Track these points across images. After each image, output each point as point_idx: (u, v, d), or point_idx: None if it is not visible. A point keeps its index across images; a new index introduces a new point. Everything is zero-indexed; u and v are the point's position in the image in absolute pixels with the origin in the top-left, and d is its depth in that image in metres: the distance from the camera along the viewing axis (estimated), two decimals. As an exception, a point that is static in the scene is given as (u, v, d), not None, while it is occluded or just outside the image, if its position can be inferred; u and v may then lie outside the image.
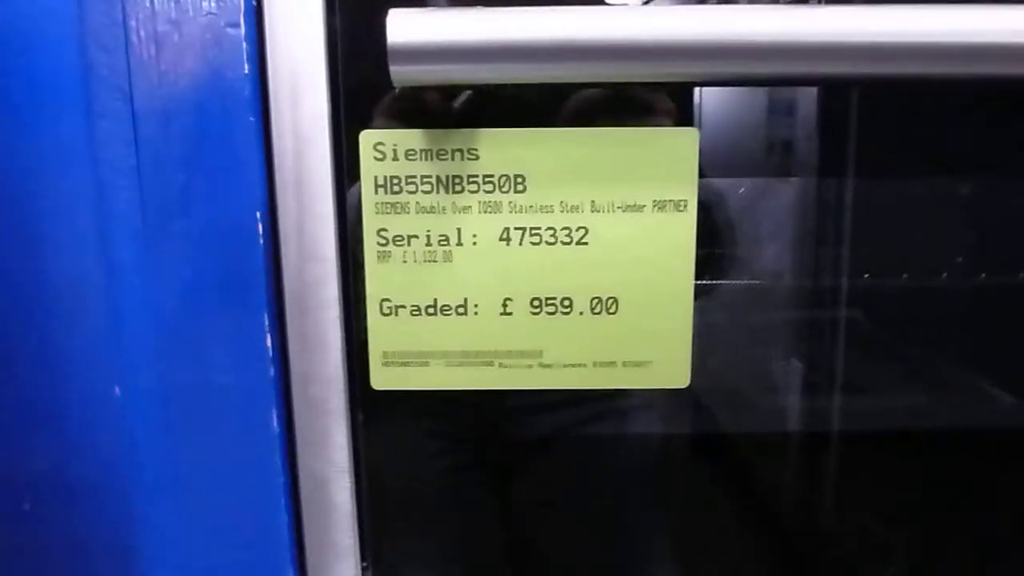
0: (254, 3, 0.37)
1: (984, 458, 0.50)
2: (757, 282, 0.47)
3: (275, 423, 0.40)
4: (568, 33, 0.33)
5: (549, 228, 0.40)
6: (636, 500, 0.48)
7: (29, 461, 0.40)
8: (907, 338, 0.49)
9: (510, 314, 0.40)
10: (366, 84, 0.38)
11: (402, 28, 0.33)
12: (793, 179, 0.45)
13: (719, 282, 0.46)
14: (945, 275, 0.47)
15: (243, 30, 0.36)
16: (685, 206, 0.40)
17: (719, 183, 0.43)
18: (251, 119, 0.37)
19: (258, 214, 0.38)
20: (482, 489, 0.47)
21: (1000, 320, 0.49)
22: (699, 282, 0.40)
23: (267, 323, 0.39)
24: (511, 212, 0.39)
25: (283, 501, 0.40)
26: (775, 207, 0.46)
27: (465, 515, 0.48)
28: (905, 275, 0.48)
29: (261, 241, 0.38)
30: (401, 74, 0.33)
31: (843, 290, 0.47)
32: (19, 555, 0.41)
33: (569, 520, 0.48)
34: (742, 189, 0.44)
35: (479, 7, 0.34)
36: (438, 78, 0.34)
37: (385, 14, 0.34)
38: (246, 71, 0.37)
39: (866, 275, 0.46)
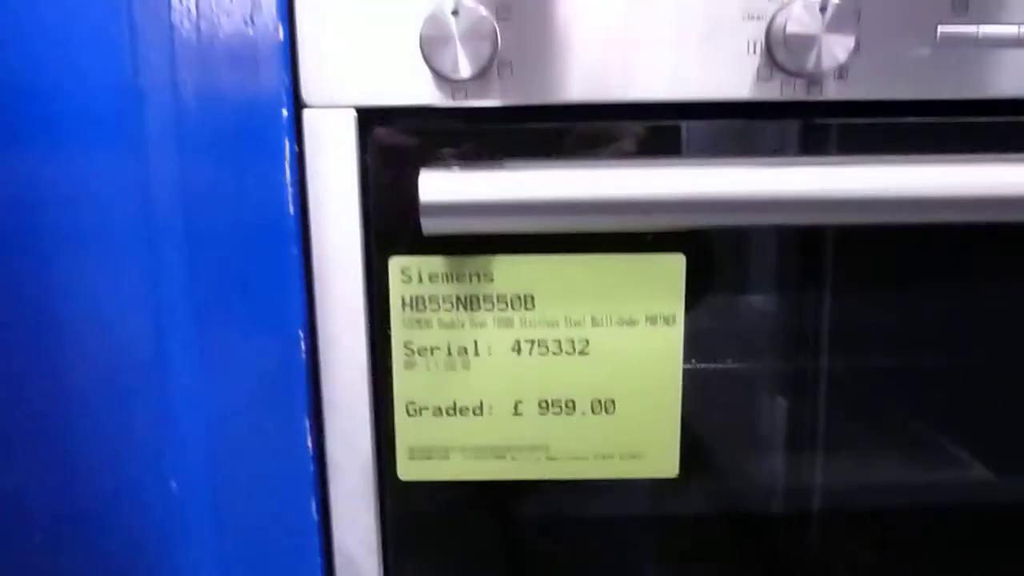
0: (296, 150, 0.42)
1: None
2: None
3: (314, 512, 0.46)
4: (573, 192, 0.39)
5: (555, 340, 0.45)
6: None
7: (80, 549, 0.46)
8: (888, 413, 0.55)
9: (520, 415, 0.46)
10: (393, 219, 0.43)
11: (432, 188, 0.39)
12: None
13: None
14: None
15: (288, 175, 0.42)
16: (674, 320, 0.45)
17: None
18: (295, 251, 0.43)
19: (300, 332, 0.44)
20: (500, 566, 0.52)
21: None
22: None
23: (308, 425, 0.44)
24: (522, 326, 0.45)
25: (320, 577, 0.46)
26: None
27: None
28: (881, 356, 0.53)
29: (303, 356, 0.44)
30: (431, 226, 0.39)
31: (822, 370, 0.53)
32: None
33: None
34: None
35: (494, 165, 0.40)
36: (463, 229, 0.40)
37: (405, 165, 0.40)
38: (292, 212, 0.42)
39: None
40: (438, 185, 0.39)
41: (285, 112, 0.42)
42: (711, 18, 0.42)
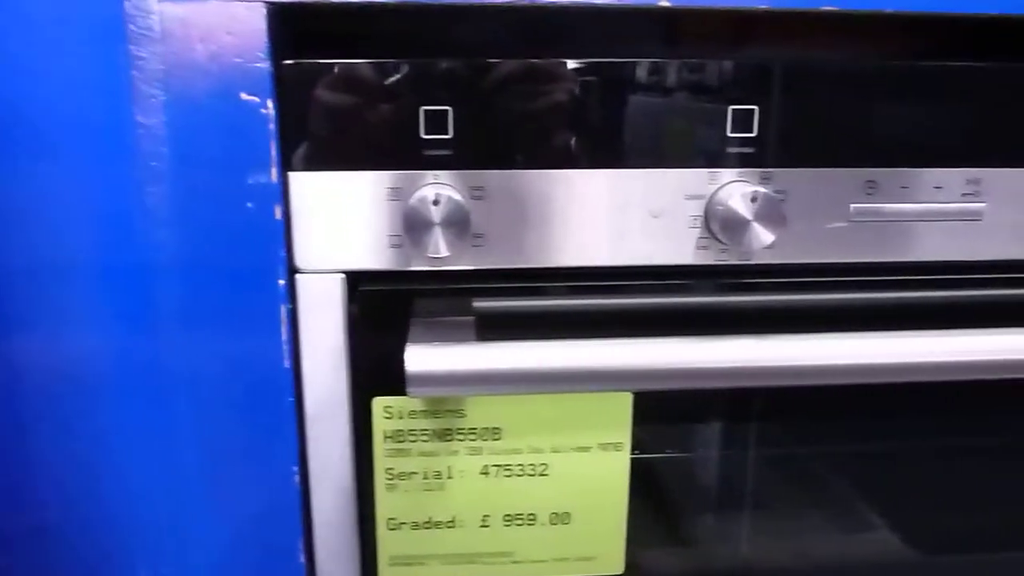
0: (291, 308, 0.48)
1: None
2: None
3: (308, 619, 0.52)
4: (542, 364, 0.45)
5: (519, 464, 0.52)
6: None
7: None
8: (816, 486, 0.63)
9: (488, 526, 0.53)
10: (377, 366, 0.49)
11: (417, 360, 0.45)
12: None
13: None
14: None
15: (284, 335, 0.48)
16: (622, 447, 0.53)
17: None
18: (289, 399, 0.49)
19: (294, 467, 0.50)
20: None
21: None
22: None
23: (301, 546, 0.51)
24: (490, 454, 0.52)
25: None
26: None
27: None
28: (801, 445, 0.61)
29: (296, 486, 0.50)
30: (416, 392, 0.45)
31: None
32: None
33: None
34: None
35: (469, 333, 0.46)
36: (444, 395, 0.46)
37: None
38: (287, 367, 0.48)
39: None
40: (422, 358, 0.45)
41: (282, 282, 0.47)
42: (657, 197, 0.49)
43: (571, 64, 0.47)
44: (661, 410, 0.58)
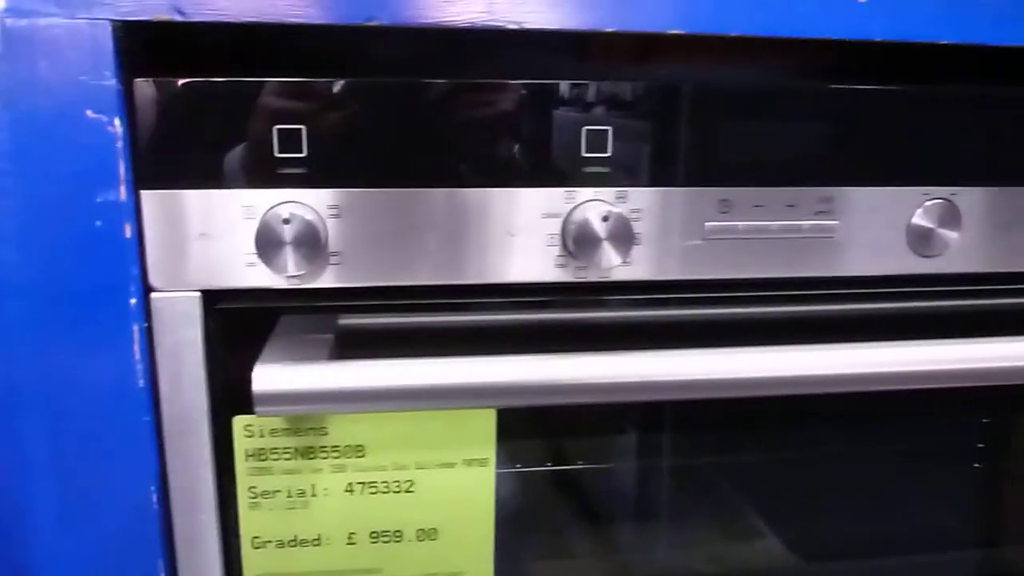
0: (145, 326, 0.48)
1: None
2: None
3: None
4: (391, 382, 0.46)
5: (384, 482, 0.52)
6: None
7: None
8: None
9: (354, 544, 0.53)
10: (236, 384, 0.49)
11: (264, 380, 0.45)
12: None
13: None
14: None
15: (137, 354, 0.47)
16: (486, 462, 0.53)
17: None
18: (147, 419, 0.48)
19: (152, 487, 0.49)
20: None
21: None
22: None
23: (162, 566, 0.50)
24: (354, 471, 0.52)
25: None
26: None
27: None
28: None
29: (156, 506, 0.50)
30: (264, 412, 0.45)
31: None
32: None
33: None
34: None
35: (321, 354, 0.47)
36: (292, 414, 0.46)
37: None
38: (142, 385, 0.48)
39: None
40: (270, 377, 0.45)
41: (133, 300, 0.47)
42: (515, 216, 0.49)
43: (426, 83, 0.47)
44: (539, 424, 0.59)
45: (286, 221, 0.46)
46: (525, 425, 0.59)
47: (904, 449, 0.67)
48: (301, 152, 0.47)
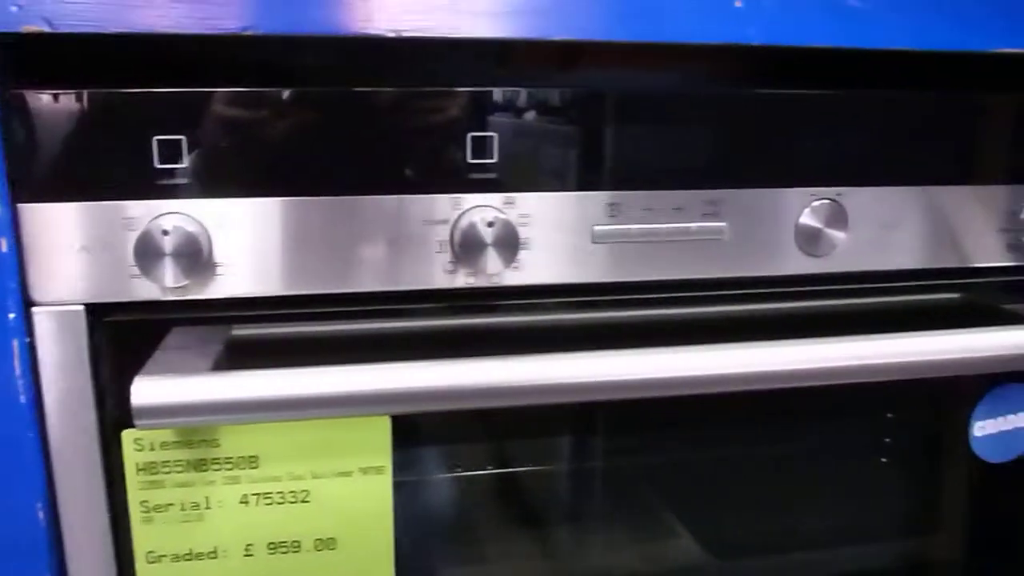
0: (28, 342, 0.47)
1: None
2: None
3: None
4: (270, 393, 0.45)
5: (279, 492, 0.52)
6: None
7: None
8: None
9: (252, 555, 0.53)
10: (124, 396, 0.49)
11: (143, 393, 0.44)
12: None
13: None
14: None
15: (18, 370, 0.47)
16: (383, 470, 0.53)
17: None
18: (31, 435, 0.48)
19: (38, 504, 0.49)
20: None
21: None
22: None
23: (51, 582, 0.50)
24: (248, 482, 0.52)
25: None
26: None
27: None
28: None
29: (43, 525, 0.49)
30: (144, 424, 0.45)
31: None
32: None
33: None
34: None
35: (211, 370, 0.46)
36: (173, 426, 0.46)
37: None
38: (23, 402, 0.47)
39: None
40: (148, 390, 0.44)
41: (12, 315, 0.46)
42: (403, 223, 0.49)
43: (309, 91, 0.47)
44: (442, 431, 0.59)
45: (166, 232, 0.45)
46: (427, 432, 0.59)
47: (814, 446, 0.68)
48: (182, 163, 0.46)
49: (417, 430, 0.59)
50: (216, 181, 0.47)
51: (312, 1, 0.45)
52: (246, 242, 0.48)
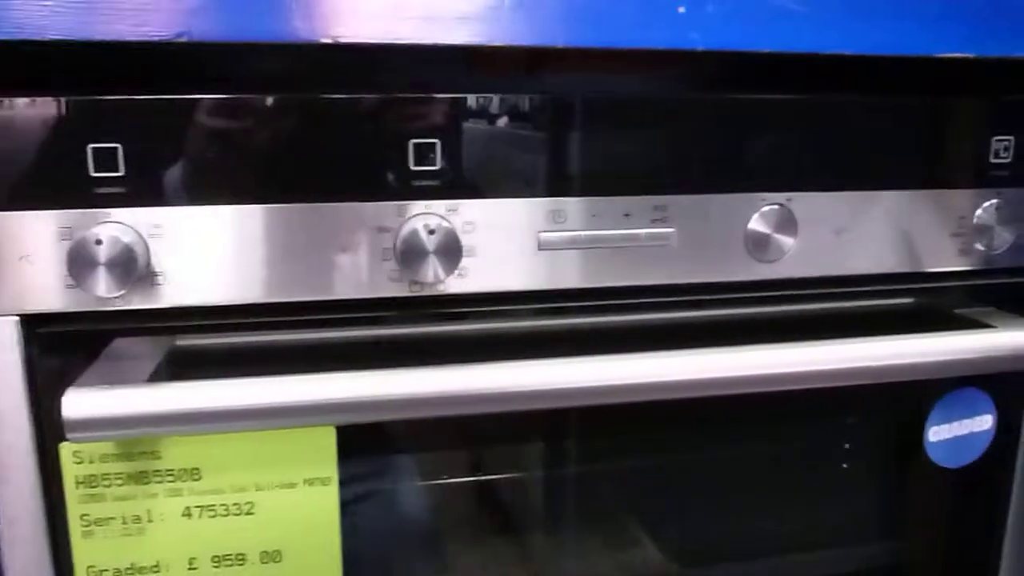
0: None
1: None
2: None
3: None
4: (205, 404, 0.45)
5: (223, 504, 0.51)
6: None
7: None
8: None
9: (196, 569, 0.52)
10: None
11: (74, 406, 0.44)
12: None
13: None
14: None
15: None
16: (329, 480, 0.52)
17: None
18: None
19: (-25, 518, 0.48)
20: None
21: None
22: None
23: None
24: (191, 495, 0.51)
25: None
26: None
27: None
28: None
29: (-22, 538, 0.48)
30: (76, 438, 0.44)
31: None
32: None
33: None
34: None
35: (146, 382, 0.46)
36: (107, 438, 0.45)
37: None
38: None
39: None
40: (80, 403, 0.44)
41: (-55, 327, 0.45)
42: (347, 231, 0.49)
43: (249, 99, 0.47)
44: (392, 440, 0.58)
45: (99, 242, 0.45)
46: (380, 442, 0.58)
47: (775, 452, 0.68)
48: (118, 171, 0.46)
49: (371, 440, 0.58)
50: (155, 190, 0.47)
51: (248, 8, 0.44)
52: (188, 251, 0.47)
